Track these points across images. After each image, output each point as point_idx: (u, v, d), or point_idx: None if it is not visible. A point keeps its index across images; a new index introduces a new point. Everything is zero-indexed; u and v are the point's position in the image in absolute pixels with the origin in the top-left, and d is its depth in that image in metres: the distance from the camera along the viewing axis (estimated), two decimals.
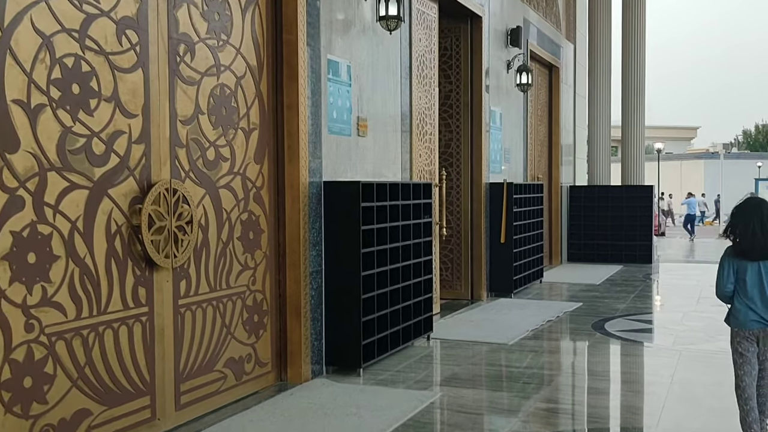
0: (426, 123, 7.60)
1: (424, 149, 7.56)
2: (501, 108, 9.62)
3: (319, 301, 5.42)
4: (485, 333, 6.90)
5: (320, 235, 5.42)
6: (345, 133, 5.78)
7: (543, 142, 12.43)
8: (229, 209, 4.72)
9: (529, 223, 9.83)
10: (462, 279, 8.97)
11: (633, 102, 14.05)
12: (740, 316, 3.81)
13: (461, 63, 8.93)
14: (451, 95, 8.96)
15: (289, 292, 5.21)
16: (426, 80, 7.57)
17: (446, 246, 8.99)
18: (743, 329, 3.81)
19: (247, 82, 4.90)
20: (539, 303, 8.67)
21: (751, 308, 3.77)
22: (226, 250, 4.68)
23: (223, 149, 4.67)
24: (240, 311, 4.83)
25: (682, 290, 9.87)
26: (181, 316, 4.31)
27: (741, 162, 47.83)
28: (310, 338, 5.30)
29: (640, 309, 8.31)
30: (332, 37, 5.61)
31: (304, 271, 5.22)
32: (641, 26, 14.05)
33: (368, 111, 6.17)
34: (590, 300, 8.88)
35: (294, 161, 5.16)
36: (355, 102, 5.96)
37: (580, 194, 13.37)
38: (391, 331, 5.91)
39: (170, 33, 4.22)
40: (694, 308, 8.31)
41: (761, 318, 3.76)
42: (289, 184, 5.18)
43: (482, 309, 8.25)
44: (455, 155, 8.97)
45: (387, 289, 5.83)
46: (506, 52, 9.81)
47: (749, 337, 3.80)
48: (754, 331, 3.79)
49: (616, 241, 13.07)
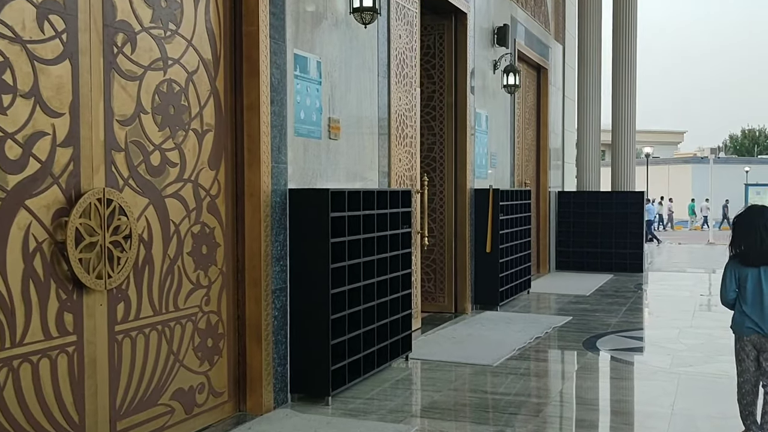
0: (406, 125, 7.09)
1: (404, 153, 7.04)
2: (487, 110, 9.13)
3: (284, 322, 4.89)
4: (468, 352, 6.39)
5: (285, 249, 4.89)
6: (314, 135, 5.26)
7: (531, 146, 11.95)
8: (178, 221, 4.18)
9: (516, 231, 9.33)
10: (445, 291, 8.46)
11: (623, 105, 13.61)
12: (738, 322, 3.92)
13: (445, 62, 8.42)
14: (435, 96, 8.45)
15: (248, 313, 4.68)
16: (407, 80, 7.06)
17: (429, 256, 8.48)
18: (741, 336, 3.91)
19: (200, 77, 4.37)
20: (526, 317, 8.17)
21: (747, 315, 3.85)
22: (173, 268, 4.14)
23: (171, 153, 4.13)
24: (191, 336, 4.29)
25: (676, 302, 9.40)
26: (118, 344, 3.77)
27: (729, 167, 47.65)
28: (273, 363, 4.77)
29: (632, 324, 7.82)
30: (300, 30, 5.09)
31: (266, 288, 4.69)
32: (632, 28, 13.61)
33: (341, 112, 5.65)
34: (580, 313, 8.39)
35: (255, 166, 4.63)
36: (326, 102, 5.44)
37: (569, 200, 12.89)
38: (365, 354, 5.38)
39: (106, 20, 3.68)
40: (690, 323, 7.83)
41: (756, 325, 3.84)
42: (250, 192, 4.65)
43: (466, 323, 7.74)
44: (438, 160, 8.46)
45: (360, 307, 5.30)
46: (492, 52, 9.32)
47: (747, 344, 3.89)
48: (752, 338, 3.87)
49: (606, 249, 12.60)
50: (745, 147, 78.55)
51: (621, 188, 13.43)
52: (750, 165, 50.04)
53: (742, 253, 3.86)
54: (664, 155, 58.72)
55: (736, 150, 76.98)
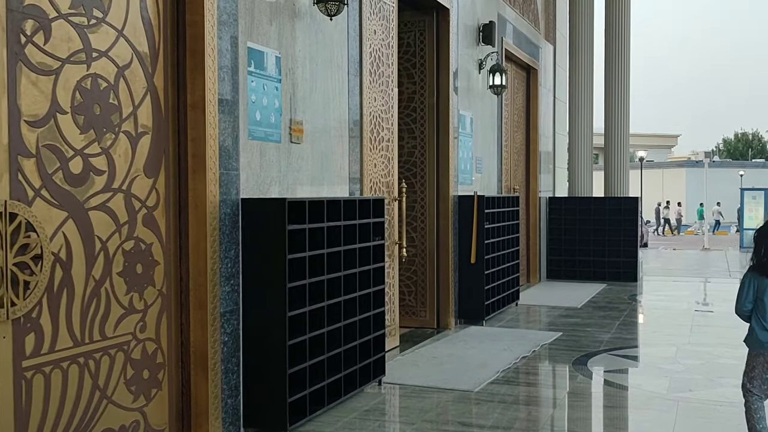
0: (382, 128, 6.56)
1: (380, 158, 6.52)
2: (472, 112, 8.61)
3: (235, 348, 4.35)
4: (448, 375, 5.86)
5: (236, 266, 4.36)
6: (272, 138, 4.73)
7: (520, 150, 11.43)
8: (106, 237, 3.65)
9: (504, 240, 8.81)
10: (427, 305, 7.93)
11: (616, 107, 13.09)
12: (753, 335, 3.82)
13: (426, 61, 7.90)
14: (415, 97, 7.93)
15: (193, 339, 4.14)
16: (383, 79, 6.54)
17: (409, 268, 7.95)
18: (754, 349, 3.83)
19: (134, 73, 3.83)
20: (514, 332, 7.64)
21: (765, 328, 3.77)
22: (99, 291, 3.60)
23: (96, 159, 3.60)
24: (122, 368, 3.75)
25: (672, 315, 8.88)
26: (27, 382, 3.23)
27: (723, 170, 47.33)
28: (222, 395, 4.23)
29: (626, 341, 7.30)
30: (255, 22, 4.56)
31: (214, 311, 4.15)
32: (625, 28, 13.11)
33: (305, 113, 5.12)
34: (571, 329, 7.87)
35: (200, 174, 4.10)
36: (288, 101, 4.91)
37: (560, 206, 12.39)
38: (330, 381, 4.85)
39: (10, 4, 3.14)
40: (688, 340, 7.31)
41: None
42: (194, 203, 4.11)
43: (449, 340, 7.21)
44: (419, 165, 7.94)
45: (324, 329, 4.77)
46: (478, 51, 8.80)
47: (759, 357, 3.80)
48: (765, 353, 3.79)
49: (599, 257, 12.09)
50: (739, 151, 78.40)
51: (614, 193, 12.91)
52: (744, 168, 49.71)
53: (762, 263, 3.77)
54: (658, 159, 58.38)
55: (729, 154, 76.82)
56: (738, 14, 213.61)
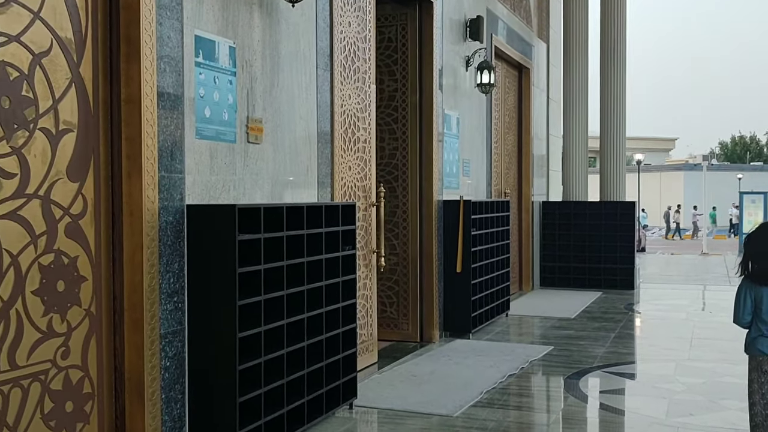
0: (358, 128, 6.08)
1: (355, 160, 6.03)
2: (458, 112, 8.12)
3: (179, 374, 3.86)
4: (427, 397, 5.37)
5: (180, 282, 3.86)
6: (226, 138, 4.24)
7: (511, 153, 10.95)
8: (17, 251, 3.15)
9: (492, 247, 8.32)
10: (409, 317, 7.43)
11: (613, 108, 12.62)
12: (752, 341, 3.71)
13: (408, 57, 7.41)
14: (397, 95, 7.44)
15: (128, 365, 3.65)
16: (358, 75, 6.06)
17: (390, 277, 7.46)
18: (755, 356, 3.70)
19: (54, 62, 3.34)
20: (502, 347, 7.14)
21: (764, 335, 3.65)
22: (8, 313, 3.11)
23: (5, 161, 3.11)
24: (38, 400, 3.25)
25: (671, 327, 8.38)
26: None
27: (721, 173, 46.91)
28: (163, 428, 3.74)
29: (622, 356, 6.81)
30: (204, 7, 4.07)
31: (152, 333, 3.66)
32: (621, 26, 12.65)
33: (266, 110, 4.64)
34: (563, 342, 7.38)
35: (135, 177, 3.61)
36: (244, 97, 4.42)
37: (554, 211, 11.89)
38: (290, 408, 4.35)
39: None
40: (687, 355, 6.82)
41: None
42: (129, 210, 3.62)
43: (431, 356, 6.71)
44: (401, 168, 7.45)
45: (282, 351, 4.27)
46: (465, 47, 8.32)
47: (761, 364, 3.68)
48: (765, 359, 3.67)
49: (595, 264, 11.60)
50: (737, 154, 78.14)
51: (610, 197, 12.44)
52: (743, 172, 49.30)
53: (756, 272, 3.66)
54: (655, 162, 57.97)
55: (727, 157, 76.55)
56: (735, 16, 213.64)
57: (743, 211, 22.75)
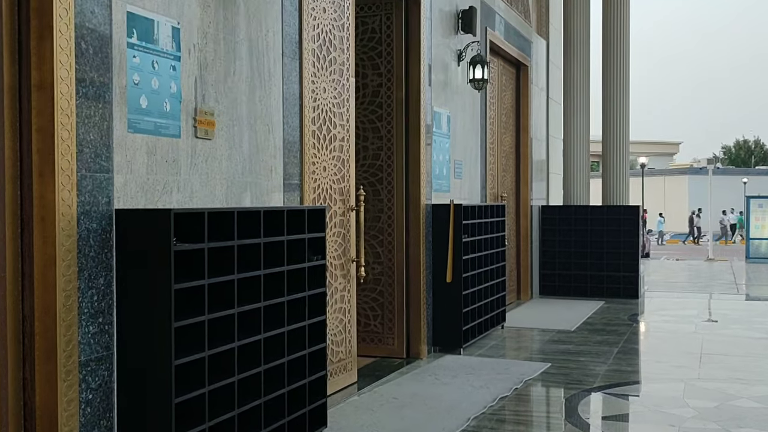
0: (335, 124, 5.51)
1: (331, 160, 5.47)
2: (449, 109, 7.55)
3: (105, 410, 3.28)
4: (408, 423, 4.79)
5: (108, 300, 3.29)
6: (168, 132, 3.67)
7: (508, 154, 10.37)
8: None
9: (487, 255, 7.74)
10: (395, 331, 6.85)
11: (616, 109, 12.03)
12: None
13: (394, 49, 6.85)
14: (381, 91, 6.88)
15: (40, 400, 3.08)
16: (335, 66, 5.49)
17: (374, 288, 6.88)
18: None
19: None
20: (495, 364, 6.56)
21: None
22: None
23: None
24: None
25: (678, 341, 7.79)
26: None
27: (726, 177, 46.28)
28: None
29: (625, 375, 6.22)
30: None
31: (69, 361, 3.09)
32: (624, 22, 12.07)
33: (219, 101, 4.07)
34: (561, 358, 6.80)
35: (48, 176, 3.04)
36: (192, 85, 3.85)
37: (555, 215, 11.31)
38: None
39: None
40: (697, 374, 6.23)
41: None
42: (40, 216, 3.05)
43: (417, 374, 6.14)
44: (386, 169, 6.87)
45: (233, 378, 3.70)
46: (456, 40, 7.76)
47: None
48: None
49: (597, 272, 11.02)
50: (740, 158, 77.54)
51: (613, 202, 11.85)
52: (748, 176, 48.69)
53: None
54: (659, 167, 57.34)
55: (731, 161, 75.98)
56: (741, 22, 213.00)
57: (750, 215, 22.09)
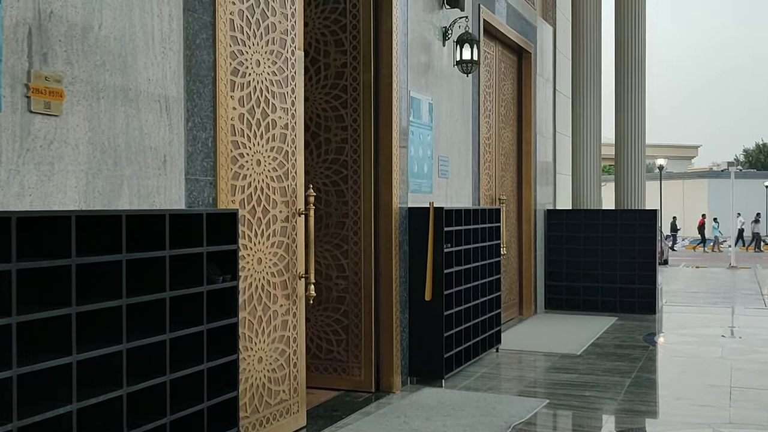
0: (275, 108, 4.40)
1: (267, 152, 4.36)
2: (431, 95, 6.42)
3: None
4: None
5: None
6: None
7: (509, 152, 9.21)
8: None
9: (477, 267, 6.60)
10: (362, 359, 5.72)
11: (630, 103, 10.83)
12: None
13: (360, 23, 5.73)
14: (346, 73, 5.75)
15: None
16: (273, 35, 4.39)
17: (338, 308, 5.76)
18: None
19: None
20: (481, 400, 5.41)
21: None
22: None
23: None
24: None
25: (703, 369, 6.58)
26: None
27: (747, 181, 44.80)
28: None
29: (638, 415, 5.06)
30: None
31: None
32: (640, 12, 10.88)
33: (73, 63, 2.97)
34: (562, 393, 5.64)
35: None
36: (21, 39, 2.75)
37: (562, 220, 10.13)
38: None
39: None
40: (727, 414, 5.05)
41: None
42: None
43: (382, 416, 5.00)
44: (351, 165, 5.75)
45: None
46: (441, 16, 6.63)
47: None
48: None
49: (609, 284, 9.83)
50: (761, 162, 75.82)
51: (628, 206, 10.67)
52: None
53: None
54: (677, 170, 55.80)
55: (751, 165, 74.33)
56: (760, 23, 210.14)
57: None
